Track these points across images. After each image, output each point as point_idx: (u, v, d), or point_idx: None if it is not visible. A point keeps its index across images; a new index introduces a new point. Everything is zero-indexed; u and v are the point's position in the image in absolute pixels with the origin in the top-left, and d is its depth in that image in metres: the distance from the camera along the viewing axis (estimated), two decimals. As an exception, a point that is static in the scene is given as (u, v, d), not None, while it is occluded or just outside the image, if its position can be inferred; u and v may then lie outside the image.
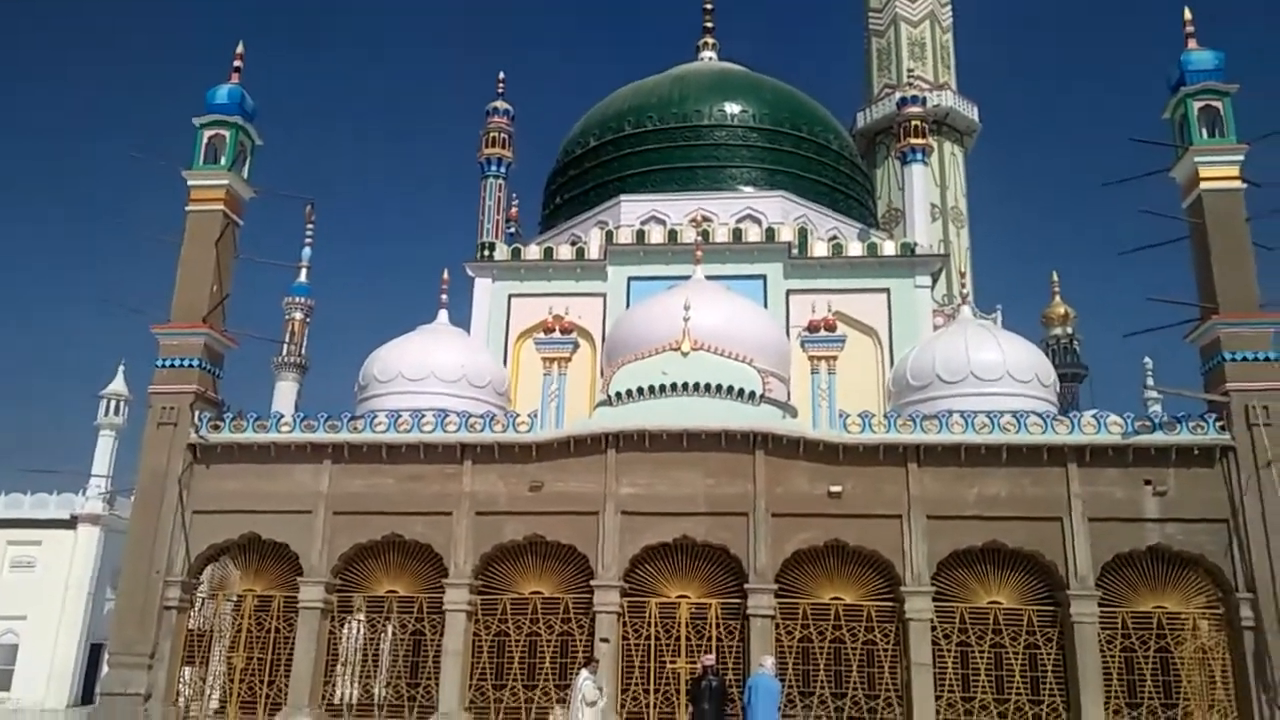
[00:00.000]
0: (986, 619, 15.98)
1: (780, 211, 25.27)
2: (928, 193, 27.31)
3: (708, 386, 17.95)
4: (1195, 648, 15.60)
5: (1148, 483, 16.12)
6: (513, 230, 28.12)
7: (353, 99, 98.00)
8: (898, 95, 28.45)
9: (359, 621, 17.75)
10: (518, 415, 18.17)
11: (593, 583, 16.44)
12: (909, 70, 33.82)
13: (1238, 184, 18.05)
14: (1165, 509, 15.96)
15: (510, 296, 24.03)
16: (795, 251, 23.91)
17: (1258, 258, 17.59)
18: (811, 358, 21.59)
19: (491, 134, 26.27)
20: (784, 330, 22.33)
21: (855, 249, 24.11)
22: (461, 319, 23.29)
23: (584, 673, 14.03)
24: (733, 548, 16.53)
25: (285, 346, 33.78)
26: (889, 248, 24.10)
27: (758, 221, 25.04)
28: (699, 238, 23.61)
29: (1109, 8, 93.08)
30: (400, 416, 17.86)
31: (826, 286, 23.34)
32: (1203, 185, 18.11)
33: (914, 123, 25.81)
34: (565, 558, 16.91)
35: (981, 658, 15.82)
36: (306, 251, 35.11)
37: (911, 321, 22.92)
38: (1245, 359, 16.63)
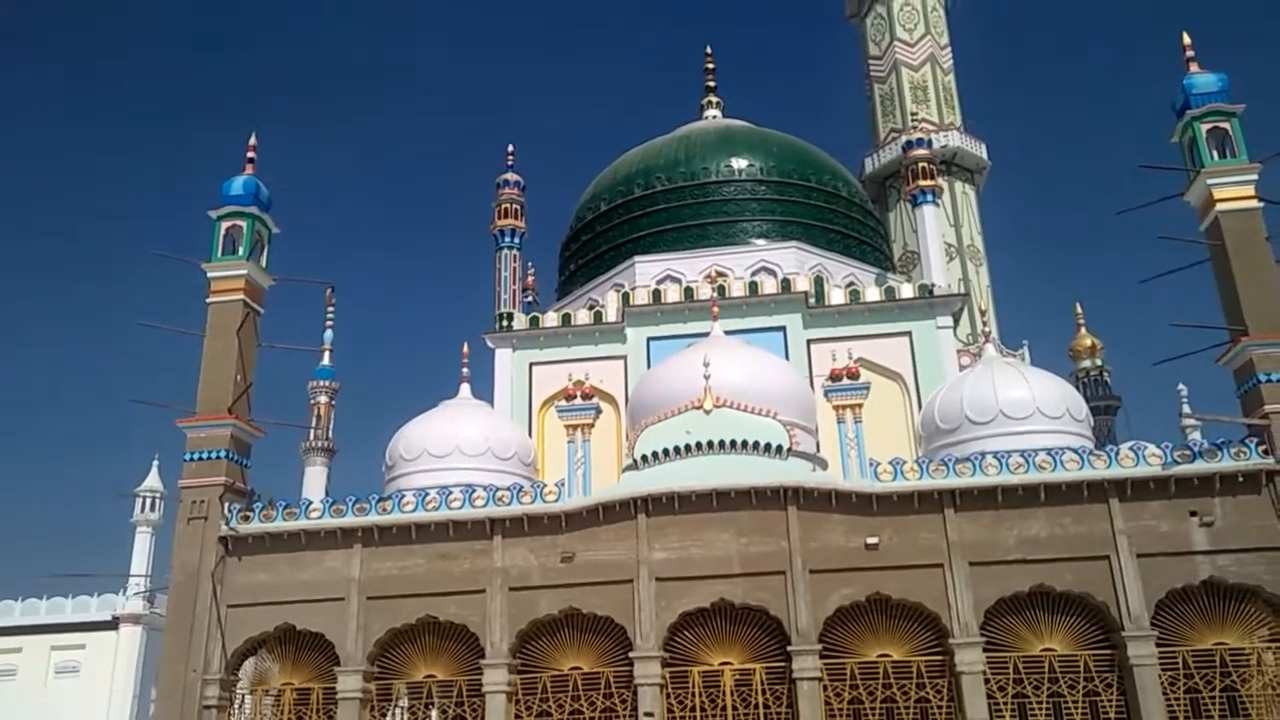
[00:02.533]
0: (1042, 667, 15.48)
1: (795, 262, 25.27)
2: (941, 233, 27.23)
3: (734, 443, 17.75)
4: (1262, 684, 14.98)
5: (1193, 514, 15.68)
6: (530, 299, 28.29)
7: (361, 177, 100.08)
8: (903, 139, 28.60)
9: (401, 709, 17.46)
10: (545, 485, 18.04)
11: (631, 654, 16.11)
12: (913, 114, 34.09)
13: (1254, 203, 17.88)
14: (1215, 540, 15.49)
15: (531, 365, 24.05)
16: (813, 300, 23.83)
17: (1284, 274, 17.33)
18: (837, 407, 21.40)
19: (503, 205, 26.57)
20: (807, 381, 22.13)
21: (873, 294, 24.01)
22: (484, 391, 23.32)
23: None
24: (772, 608, 16.18)
25: (312, 431, 33.97)
26: (907, 290, 23.98)
27: (773, 273, 25.03)
28: (715, 294, 23.60)
29: (1108, 36, 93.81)
30: (428, 495, 17.77)
31: (847, 334, 23.20)
32: (1218, 207, 17.94)
33: (921, 165, 25.84)
34: (602, 629, 16.61)
35: (1040, 708, 15.27)
36: (328, 334, 35.51)
37: (936, 363, 22.68)
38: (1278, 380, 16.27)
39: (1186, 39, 19.61)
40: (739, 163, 27.50)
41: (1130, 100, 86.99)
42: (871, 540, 16.29)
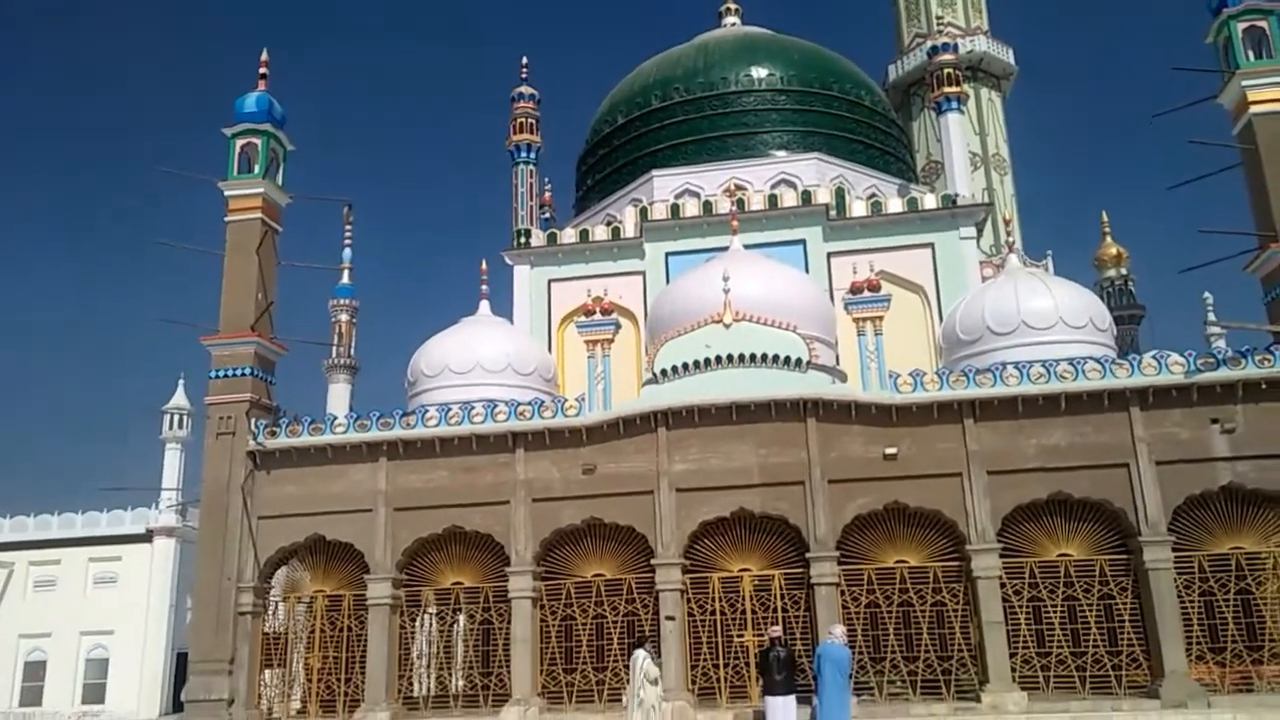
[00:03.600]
0: (1057, 572, 15.67)
1: (816, 174, 24.90)
2: (966, 142, 26.72)
3: (753, 357, 17.77)
4: (1278, 587, 15.12)
5: (1215, 421, 15.61)
6: (547, 215, 28.11)
7: (377, 95, 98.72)
8: (928, 44, 27.81)
9: (429, 615, 17.99)
10: (566, 400, 18.18)
11: (653, 561, 16.44)
12: (938, 18, 33.05)
13: (1292, 103, 17.34)
14: (1235, 446, 15.46)
15: (550, 282, 24.05)
16: (833, 213, 23.55)
17: (1317, 179, 16.89)
18: (857, 320, 21.14)
19: (519, 120, 26.23)
20: (827, 294, 22.04)
21: (895, 205, 23.67)
22: (503, 308, 23.39)
23: (640, 651, 14.09)
24: (791, 517, 16.40)
25: (334, 349, 34.28)
26: (930, 201, 23.63)
27: (793, 186, 24.71)
28: (734, 207, 23.34)
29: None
30: (450, 409, 17.97)
31: (868, 246, 22.99)
32: (1252, 109, 17.49)
33: (947, 71, 25.21)
34: (624, 539, 16.93)
35: (1055, 612, 15.52)
36: (347, 253, 35.48)
37: (958, 275, 22.49)
38: (1312, 285, 16.02)
39: (1225, -66, 18.77)
40: (759, 72, 26.89)
41: (1164, 1, 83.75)
42: (890, 450, 16.38)
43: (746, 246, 21.83)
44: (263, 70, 20.74)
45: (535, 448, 17.45)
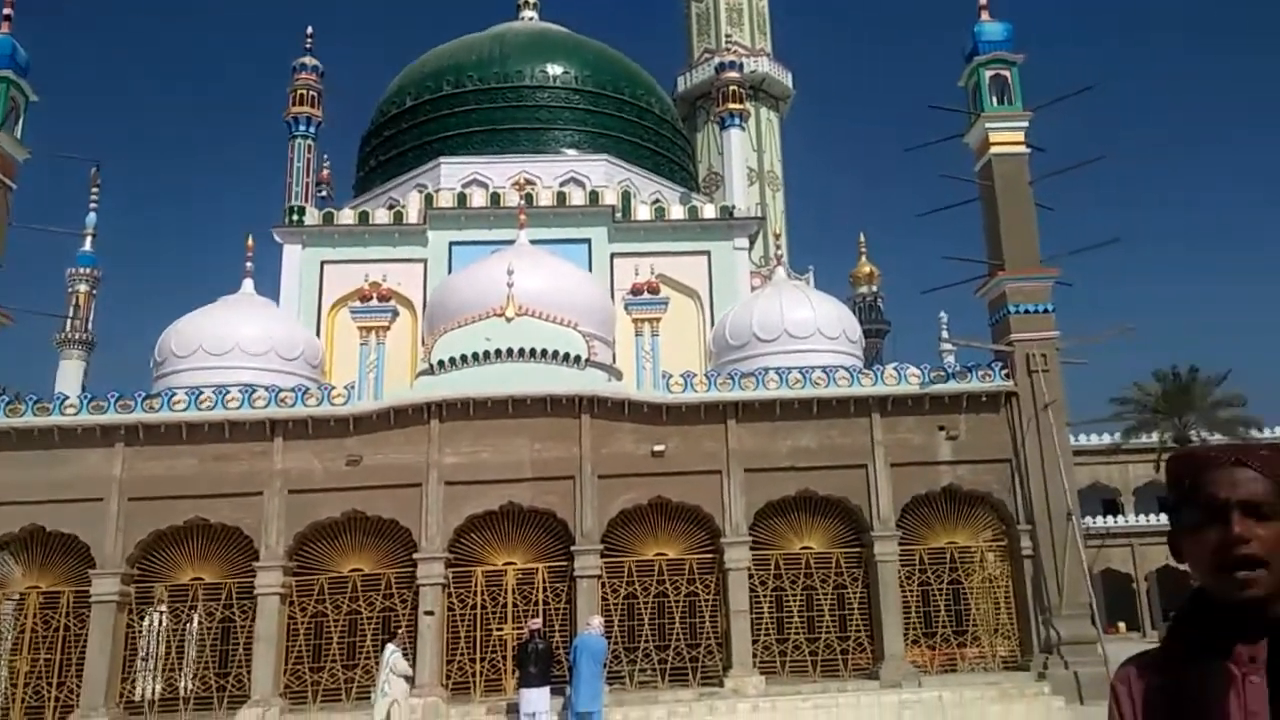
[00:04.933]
0: (799, 564, 16.80)
1: (604, 175, 25.28)
2: (745, 157, 27.98)
3: (533, 352, 17.86)
4: (983, 578, 16.95)
5: (942, 428, 17.28)
6: (324, 194, 26.91)
7: (144, 55, 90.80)
8: (716, 60, 28.92)
9: (160, 613, 16.73)
10: (333, 388, 17.51)
11: (416, 556, 16.14)
12: (727, 36, 34.42)
13: (1023, 149, 19.30)
14: (957, 452, 17.18)
15: (323, 263, 22.98)
16: (619, 215, 24.00)
17: (1039, 217, 18.98)
18: (636, 320, 21.89)
19: (299, 91, 24.86)
20: (609, 294, 22.45)
21: (677, 212, 24.44)
22: (269, 288, 22.15)
23: (390, 646, 13.85)
24: (559, 511, 16.61)
25: (69, 322, 31.09)
26: (709, 211, 24.58)
27: (581, 185, 24.95)
28: (522, 201, 23.30)
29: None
30: (202, 393, 16.82)
31: (650, 249, 23.59)
32: (992, 150, 19.30)
33: (732, 88, 26.29)
34: (387, 533, 16.51)
35: (794, 601, 16.63)
36: (91, 217, 32.30)
37: (731, 283, 23.52)
38: (1027, 311, 17.98)
39: (981, -13, 20.70)
40: (554, 69, 26.97)
41: (930, 42, 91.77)
42: (658, 448, 16.94)
43: (533, 242, 21.85)
44: (6, 11, 18.55)
45: (296, 436, 16.68)
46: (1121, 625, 32.36)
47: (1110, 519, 33.47)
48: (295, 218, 23.28)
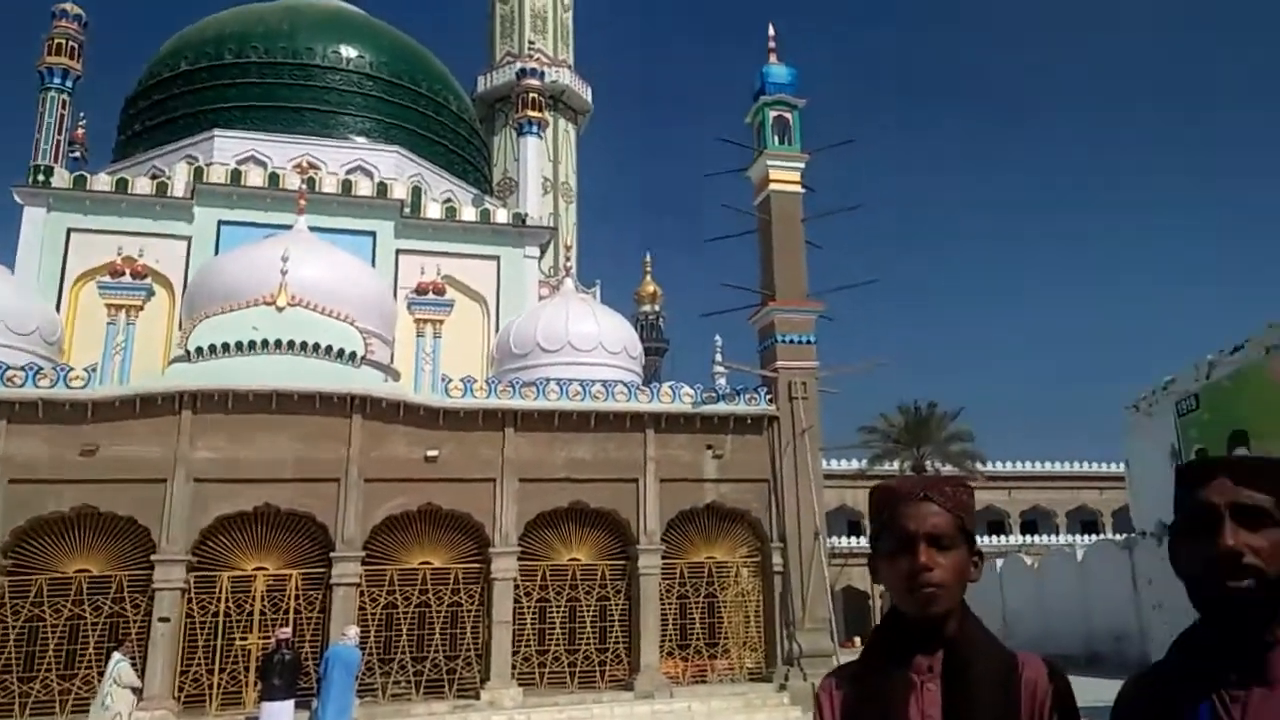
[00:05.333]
0: (565, 575, 17.00)
1: (395, 167, 24.56)
2: (541, 166, 28.11)
3: (304, 345, 17.03)
4: (736, 592, 17.86)
5: (709, 447, 18.07)
6: (78, 155, 24.42)
7: None
8: (518, 66, 28.88)
9: None
10: (71, 369, 15.90)
11: (153, 557, 14.92)
12: (530, 42, 34.46)
13: (798, 188, 20.58)
14: (722, 470, 18.02)
15: (70, 231, 20.82)
16: (408, 210, 23.39)
17: (809, 254, 20.29)
18: (418, 320, 21.26)
19: (56, 40, 22.44)
20: (391, 291, 21.81)
21: (469, 214, 24.13)
22: (4, 254, 19.82)
23: (116, 655, 12.79)
24: (320, 515, 15.91)
25: None
26: (501, 216, 24.45)
27: (370, 175, 24.12)
28: (304, 185, 22.18)
29: (715, 16, 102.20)
30: (-92, 366, 14.79)
31: (438, 249, 23.13)
32: (771, 186, 20.42)
33: (532, 95, 26.32)
34: (123, 531, 15.15)
35: (558, 612, 16.81)
36: None
37: (519, 290, 23.50)
38: (792, 341, 19.16)
39: (771, 30, 21.89)
40: (348, 51, 25.90)
41: (727, 77, 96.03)
42: (432, 453, 16.62)
43: (312, 229, 20.89)
44: None
45: (24, 420, 15.04)
46: (858, 639, 35.05)
47: (853, 539, 36.22)
48: (41, 178, 20.97)
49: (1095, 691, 3.18)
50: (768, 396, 18.71)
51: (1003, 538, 40.26)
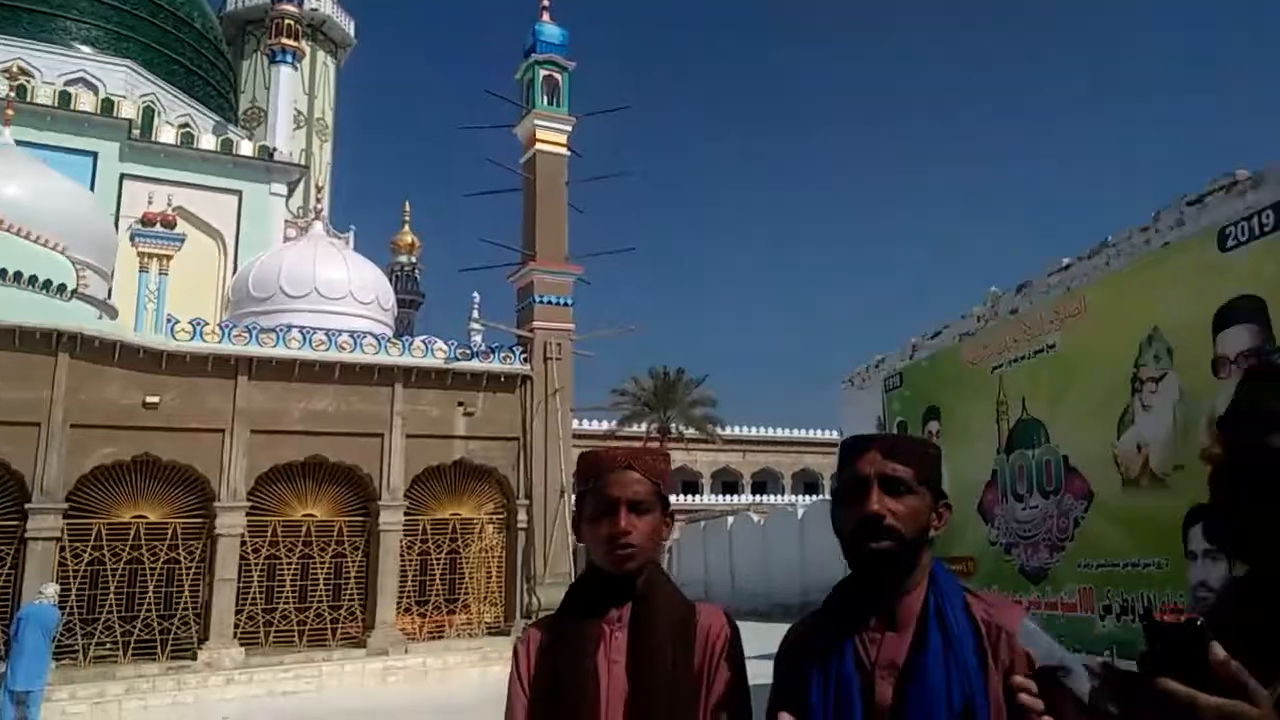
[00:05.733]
0: (299, 531, 16.29)
1: (124, 84, 22.16)
2: (294, 99, 26.35)
3: (2, 273, 15.11)
4: (480, 548, 17.93)
5: (460, 404, 17.91)
6: None
7: None
8: (274, -13, 26.78)
9: None
10: None
11: None
12: (291, -37, 31.97)
13: (564, 150, 20.66)
14: (472, 428, 17.92)
15: None
16: (137, 132, 21.19)
17: (571, 217, 20.47)
18: (143, 254, 19.43)
19: None
20: (113, 220, 19.76)
21: (209, 142, 22.24)
22: None
23: None
24: (16, 463, 14.24)
25: None
26: (246, 147, 22.74)
27: (94, 89, 21.63)
28: (13, 94, 19.56)
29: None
30: None
31: (170, 178, 21.18)
32: (538, 146, 20.35)
33: (288, 22, 24.59)
34: None
35: (288, 569, 16.11)
36: None
37: (262, 230, 22.02)
38: (549, 303, 19.31)
39: (546, -11, 21.66)
40: (73, -58, 22.94)
41: (498, 30, 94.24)
42: (152, 399, 15.29)
43: (20, 143, 18.58)
44: None
45: None
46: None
47: (599, 497, 37.04)
48: None
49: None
50: (522, 356, 18.79)
51: (736, 497, 43.06)
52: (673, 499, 1.91)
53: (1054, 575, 6.29)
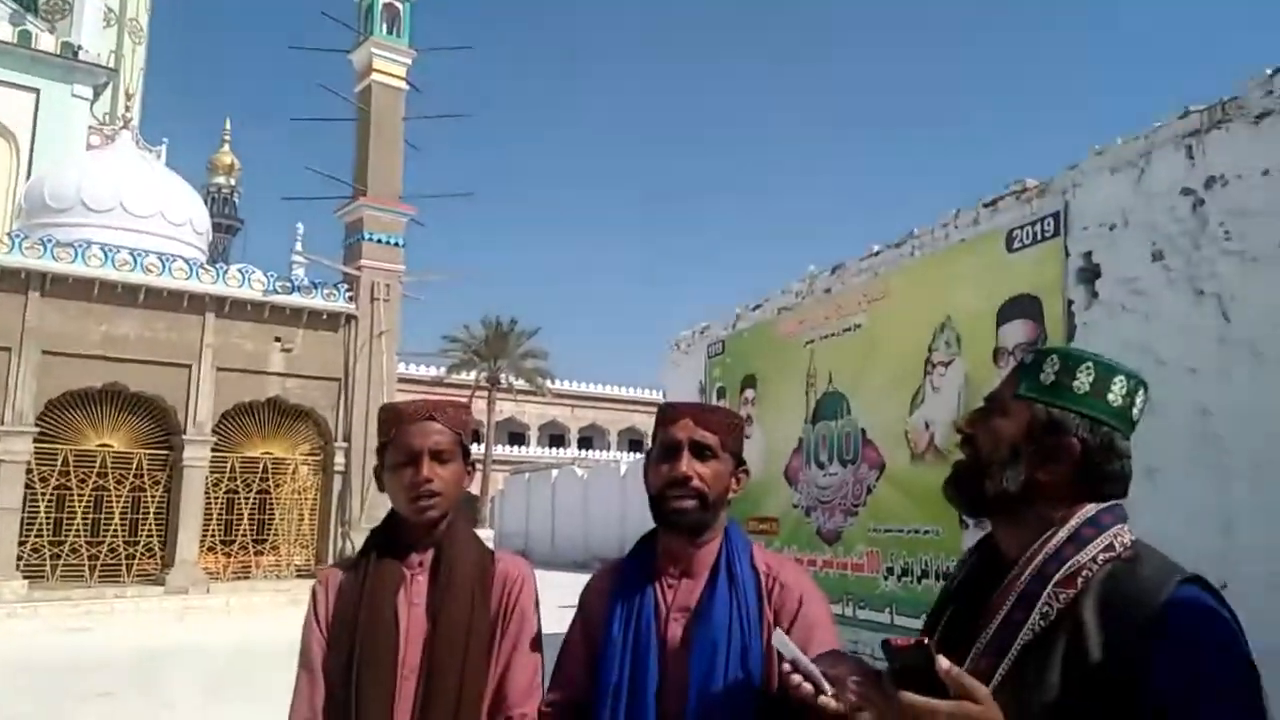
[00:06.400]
0: (93, 462, 15.31)
1: (-104, -49, 19.57)
2: (104, -7, 24.05)
3: None
4: (293, 489, 17.42)
5: (278, 339, 17.22)
6: None
7: None
8: None
9: None
10: None
11: None
12: None
13: (402, 84, 19.94)
14: (289, 365, 17.29)
15: None
16: (-88, 9, 18.83)
17: (407, 155, 19.87)
18: (-83, 149, 17.48)
19: None
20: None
21: (3, 31, 20.04)
22: None
23: None
24: None
25: None
26: (47, 41, 20.67)
27: None
28: None
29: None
30: None
31: (-48, 66, 19.00)
32: (374, 76, 19.56)
33: (103, -94, 22.38)
34: None
35: (80, 501, 15.13)
36: None
37: (62, 134, 20.18)
38: (379, 241, 18.76)
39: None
40: None
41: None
42: (-77, 311, 13.88)
43: None
44: None
45: None
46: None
47: (421, 442, 36.43)
48: None
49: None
50: (348, 294, 18.23)
51: (562, 450, 43.47)
52: (498, 450, 2.02)
53: (847, 538, 6.89)
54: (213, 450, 16.25)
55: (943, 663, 1.08)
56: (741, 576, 1.69)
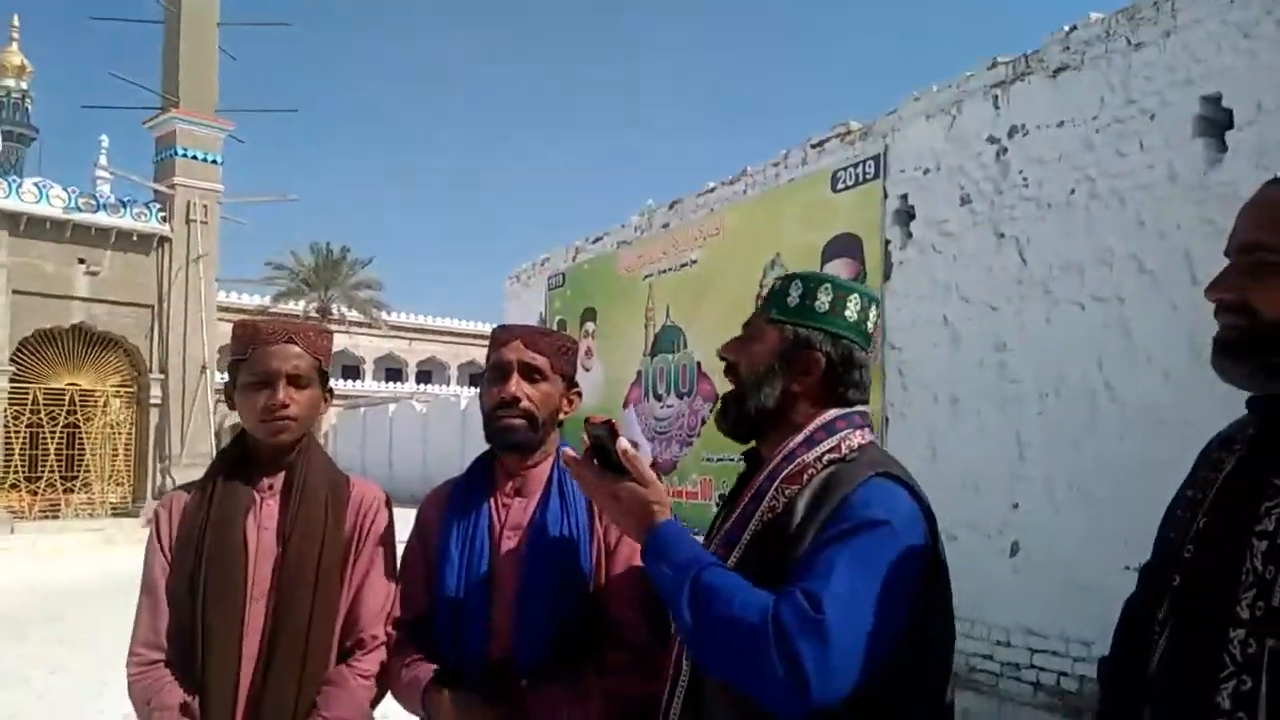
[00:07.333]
0: None
1: None
2: None
3: None
4: (104, 424, 16.31)
5: (82, 261, 15.92)
6: None
7: None
8: None
9: None
10: None
11: None
12: None
13: (231, -14, 18.49)
14: (96, 289, 16.04)
15: None
16: None
17: (224, 65, 18.49)
18: None
19: None
20: None
21: None
22: None
23: None
24: None
25: None
26: None
27: None
28: None
29: None
30: None
31: None
32: (180, -26, 18.04)
33: None
34: None
35: None
36: None
37: None
38: (195, 158, 17.52)
39: None
40: None
41: None
42: None
43: None
44: None
45: None
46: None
47: (249, 374, 34.70)
48: None
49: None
50: (160, 214, 16.98)
51: (400, 385, 42.43)
52: (333, 384, 1.97)
53: (682, 467, 7.16)
54: (11, 381, 14.96)
55: (622, 443, 1.25)
56: (573, 495, 1.73)
